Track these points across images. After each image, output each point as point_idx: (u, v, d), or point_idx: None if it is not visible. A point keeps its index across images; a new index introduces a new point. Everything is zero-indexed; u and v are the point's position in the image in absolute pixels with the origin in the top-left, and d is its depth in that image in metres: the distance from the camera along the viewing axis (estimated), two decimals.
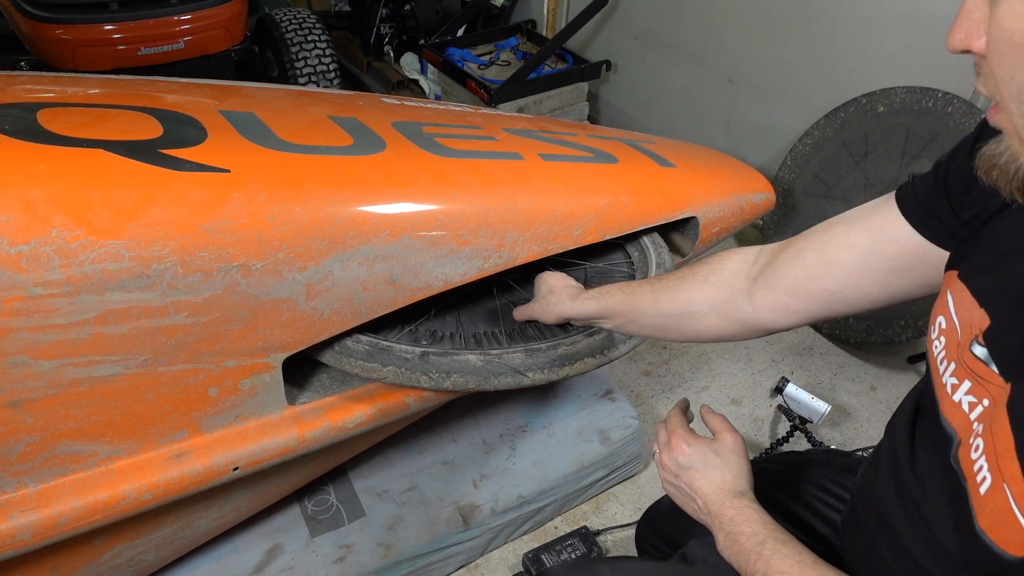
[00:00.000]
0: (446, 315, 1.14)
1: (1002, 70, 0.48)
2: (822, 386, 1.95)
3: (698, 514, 0.81)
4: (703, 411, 0.92)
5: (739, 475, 0.81)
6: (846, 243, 0.75)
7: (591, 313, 0.99)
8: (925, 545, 0.64)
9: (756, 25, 2.24)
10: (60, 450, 0.87)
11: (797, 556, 0.69)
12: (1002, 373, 0.55)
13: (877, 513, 0.71)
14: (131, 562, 1.09)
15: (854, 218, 0.77)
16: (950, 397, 0.60)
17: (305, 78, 2.73)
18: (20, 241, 0.73)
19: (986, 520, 0.53)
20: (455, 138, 1.14)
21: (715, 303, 0.87)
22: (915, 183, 0.72)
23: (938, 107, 1.81)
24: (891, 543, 0.68)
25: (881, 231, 0.73)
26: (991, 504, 0.53)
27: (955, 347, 0.61)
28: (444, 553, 1.40)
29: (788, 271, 0.80)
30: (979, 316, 0.59)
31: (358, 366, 0.99)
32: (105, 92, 1.07)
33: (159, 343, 0.85)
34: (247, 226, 0.84)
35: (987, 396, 0.56)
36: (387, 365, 0.99)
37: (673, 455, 0.84)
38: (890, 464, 0.71)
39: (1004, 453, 0.52)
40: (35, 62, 2.40)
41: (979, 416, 0.56)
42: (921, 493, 0.65)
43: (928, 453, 0.65)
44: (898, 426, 0.72)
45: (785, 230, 2.14)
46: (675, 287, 0.91)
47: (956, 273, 0.64)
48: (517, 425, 1.59)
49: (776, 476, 0.98)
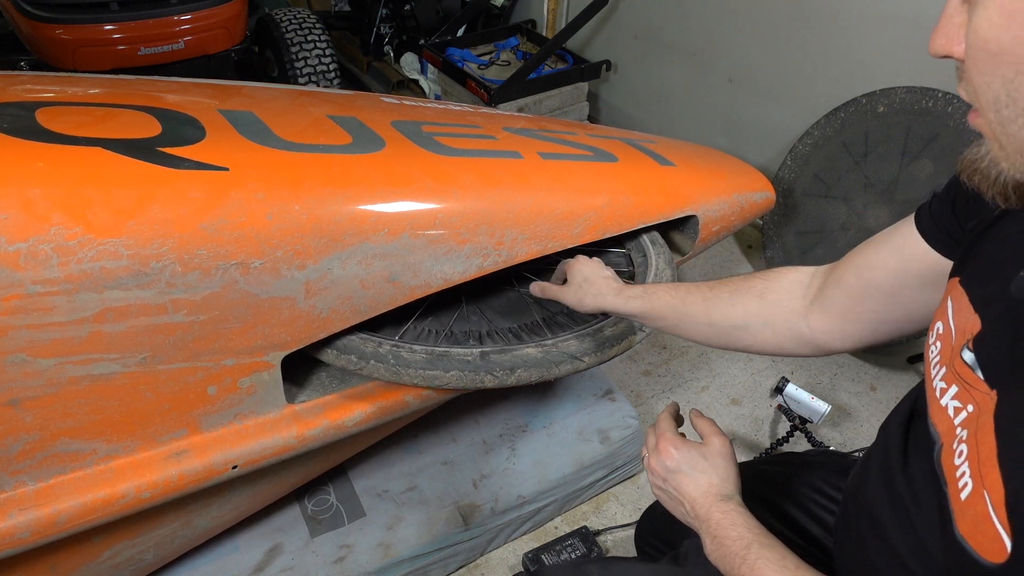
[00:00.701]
0: (441, 313, 1.14)
1: (979, 78, 0.48)
2: (822, 386, 1.95)
3: (686, 518, 0.81)
4: (692, 415, 0.91)
5: (726, 479, 0.81)
6: (877, 264, 0.77)
7: (635, 312, 0.98)
8: (912, 548, 0.64)
9: (756, 25, 2.24)
10: (59, 448, 0.87)
11: (781, 561, 0.69)
12: (987, 380, 0.55)
13: (868, 516, 0.71)
14: (130, 561, 1.09)
15: (883, 239, 0.79)
16: (938, 401, 0.61)
17: (305, 78, 2.73)
18: (19, 239, 0.73)
19: (965, 526, 0.53)
20: (454, 137, 1.14)
21: (771, 320, 0.88)
22: (932, 201, 0.73)
23: (938, 107, 1.81)
24: (881, 545, 0.68)
25: (903, 250, 0.75)
26: (971, 510, 0.52)
27: (948, 352, 0.61)
28: (444, 553, 1.40)
29: (835, 295, 0.82)
30: (973, 322, 0.59)
31: (418, 376, 0.99)
32: (104, 91, 1.07)
33: (158, 341, 0.85)
34: (246, 224, 0.84)
35: (972, 402, 0.56)
36: (449, 371, 0.99)
37: (661, 459, 0.84)
38: (882, 467, 0.71)
39: (986, 460, 0.52)
40: (35, 62, 2.40)
41: (963, 421, 0.57)
42: (911, 496, 0.65)
43: (919, 457, 0.66)
44: (891, 429, 0.72)
45: (785, 230, 2.14)
46: (729, 300, 0.91)
47: (958, 280, 0.64)
48: (517, 425, 1.59)
49: (773, 478, 0.98)
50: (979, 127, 0.51)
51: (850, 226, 2.00)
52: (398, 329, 1.07)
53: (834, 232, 2.03)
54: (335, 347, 1.00)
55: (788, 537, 0.92)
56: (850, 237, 2.00)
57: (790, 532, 0.93)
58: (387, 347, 1.00)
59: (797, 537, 0.92)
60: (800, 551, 0.72)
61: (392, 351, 1.00)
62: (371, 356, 0.99)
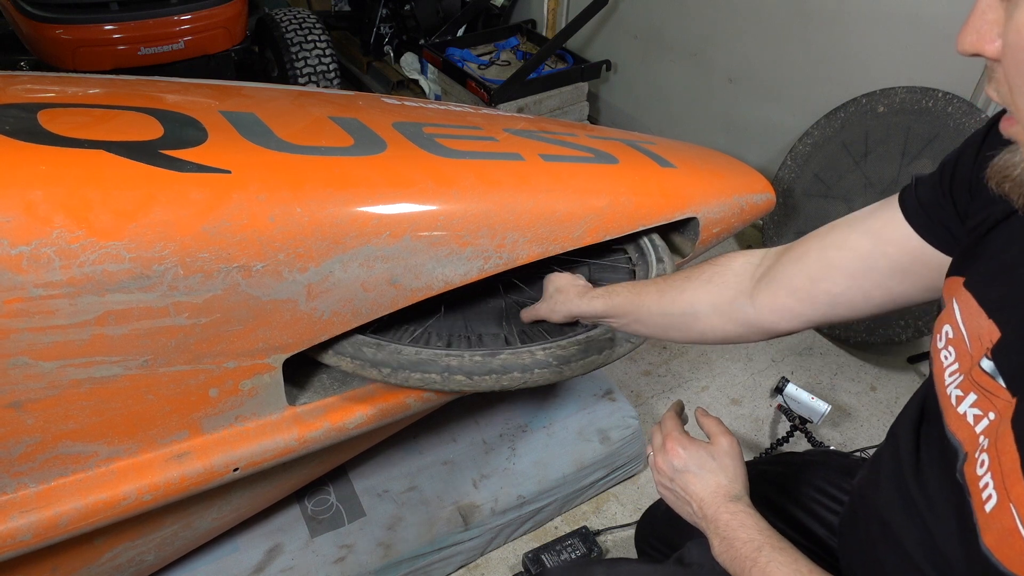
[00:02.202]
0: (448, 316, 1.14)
1: (1019, 79, 0.45)
2: (822, 386, 1.96)
3: (693, 518, 0.81)
4: (698, 414, 0.91)
5: (735, 479, 0.80)
6: (846, 245, 0.75)
7: (598, 311, 0.99)
8: (927, 553, 0.63)
9: (756, 25, 2.24)
10: (60, 451, 0.87)
11: (794, 564, 0.68)
12: (1009, 387, 0.53)
13: (879, 518, 0.71)
14: (131, 562, 1.09)
15: (856, 220, 0.76)
16: (955, 409, 0.59)
17: (305, 78, 2.73)
18: (21, 242, 0.73)
19: (991, 538, 0.52)
20: (455, 139, 1.14)
21: (718, 304, 0.87)
22: (918, 187, 0.71)
23: (938, 107, 1.81)
24: (892, 548, 0.68)
25: (881, 233, 0.72)
26: (997, 523, 0.51)
27: (967, 359, 0.60)
28: (444, 553, 1.40)
29: (790, 273, 0.80)
30: (988, 327, 0.57)
31: (504, 379, 0.99)
32: (105, 92, 1.07)
33: (159, 344, 0.85)
34: (248, 227, 0.84)
35: (993, 410, 0.55)
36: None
37: (668, 458, 0.83)
38: (893, 471, 0.70)
39: (1010, 473, 0.50)
40: (35, 62, 2.40)
41: (984, 429, 0.55)
42: (925, 503, 0.64)
43: (933, 464, 0.64)
44: (901, 433, 0.71)
45: (785, 230, 2.14)
46: (680, 287, 0.91)
47: (962, 281, 0.62)
48: (517, 425, 1.59)
49: (775, 478, 0.98)
50: (1015, 135, 0.48)
51: None
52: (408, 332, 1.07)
53: None
54: (336, 349, 1.00)
55: (791, 537, 0.91)
56: None
57: (792, 532, 0.92)
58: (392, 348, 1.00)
59: (800, 537, 0.92)
60: (803, 550, 0.72)
61: (451, 364, 0.99)
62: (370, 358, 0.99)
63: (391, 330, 1.07)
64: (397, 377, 0.98)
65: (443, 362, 0.99)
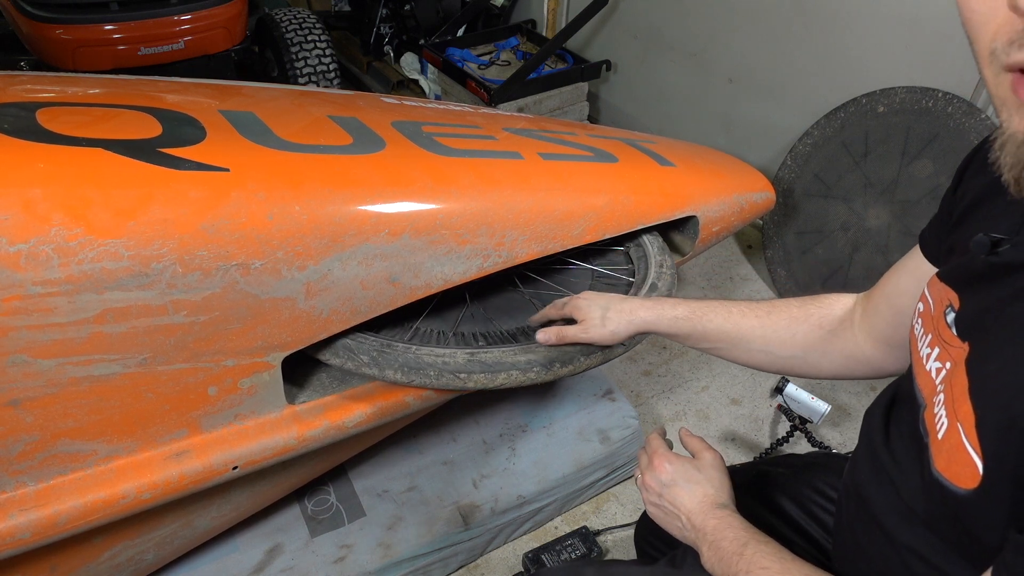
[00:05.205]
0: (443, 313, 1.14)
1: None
2: (822, 386, 1.95)
3: (682, 532, 0.82)
4: (682, 434, 0.94)
5: (720, 489, 0.83)
6: (899, 290, 0.80)
7: (680, 332, 0.95)
8: (895, 512, 0.65)
9: (756, 25, 2.24)
10: (59, 449, 0.87)
11: (778, 553, 0.71)
12: (959, 335, 0.58)
13: (856, 496, 0.73)
14: (130, 561, 1.09)
15: (900, 265, 0.81)
16: (923, 365, 0.64)
17: (305, 78, 2.73)
18: (19, 240, 0.73)
19: (941, 461, 0.56)
20: (455, 137, 1.14)
21: (828, 351, 0.90)
22: (929, 223, 0.76)
23: (938, 107, 1.81)
24: (867, 524, 0.70)
25: (914, 272, 0.77)
26: (946, 445, 0.55)
27: (930, 320, 0.65)
28: (444, 553, 1.40)
29: (875, 324, 0.84)
30: (947, 291, 0.63)
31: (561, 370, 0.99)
32: (104, 92, 1.07)
33: (158, 342, 0.85)
34: (246, 225, 0.84)
35: (949, 359, 0.59)
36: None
37: (656, 474, 0.86)
38: (867, 448, 0.73)
39: (959, 396, 0.54)
40: (35, 62, 2.40)
41: (943, 379, 0.59)
42: (893, 464, 0.67)
43: (900, 427, 0.69)
44: (874, 412, 0.75)
45: (785, 230, 2.14)
46: (787, 328, 0.91)
47: (936, 272, 0.68)
48: (517, 425, 1.59)
49: (775, 478, 0.99)
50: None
51: (850, 226, 2.00)
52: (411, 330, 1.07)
53: (834, 232, 2.03)
54: (334, 348, 1.00)
55: (788, 537, 0.93)
56: (850, 237, 2.00)
57: (790, 531, 0.93)
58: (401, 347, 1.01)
59: (797, 537, 0.93)
60: (799, 551, 0.73)
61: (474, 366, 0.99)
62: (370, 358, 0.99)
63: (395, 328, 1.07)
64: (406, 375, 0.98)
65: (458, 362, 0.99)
